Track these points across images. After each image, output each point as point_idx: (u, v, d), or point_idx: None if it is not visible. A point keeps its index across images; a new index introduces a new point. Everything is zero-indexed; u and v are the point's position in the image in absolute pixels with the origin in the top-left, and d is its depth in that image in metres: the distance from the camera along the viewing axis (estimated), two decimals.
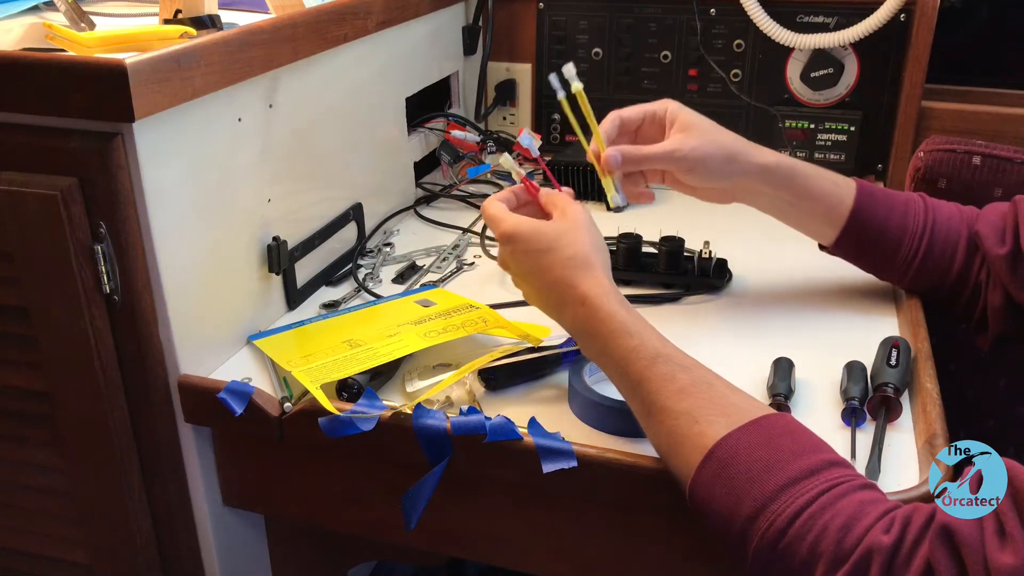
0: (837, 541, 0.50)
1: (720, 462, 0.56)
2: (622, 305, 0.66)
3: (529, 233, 0.70)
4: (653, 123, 0.83)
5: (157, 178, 0.69)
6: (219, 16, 0.84)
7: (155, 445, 0.77)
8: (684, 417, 0.59)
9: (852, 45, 1.13)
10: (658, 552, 0.70)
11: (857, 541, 0.50)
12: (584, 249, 0.69)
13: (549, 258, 0.69)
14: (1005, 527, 0.46)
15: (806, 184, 0.82)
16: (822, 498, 0.52)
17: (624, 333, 0.64)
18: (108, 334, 0.72)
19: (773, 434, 0.57)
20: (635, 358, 0.63)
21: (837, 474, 0.54)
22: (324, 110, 0.92)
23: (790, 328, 0.84)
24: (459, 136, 1.20)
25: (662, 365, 0.62)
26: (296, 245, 0.88)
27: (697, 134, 0.80)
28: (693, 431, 0.58)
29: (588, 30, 1.24)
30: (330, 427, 0.69)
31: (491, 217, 0.74)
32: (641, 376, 0.62)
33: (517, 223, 0.71)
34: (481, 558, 0.78)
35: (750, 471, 0.55)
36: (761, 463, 0.55)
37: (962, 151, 0.95)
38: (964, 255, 0.81)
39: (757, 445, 0.56)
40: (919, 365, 0.74)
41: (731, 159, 0.80)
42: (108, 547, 0.81)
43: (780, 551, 0.52)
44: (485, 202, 0.75)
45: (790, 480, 0.54)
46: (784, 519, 0.52)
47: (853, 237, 0.83)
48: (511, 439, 0.67)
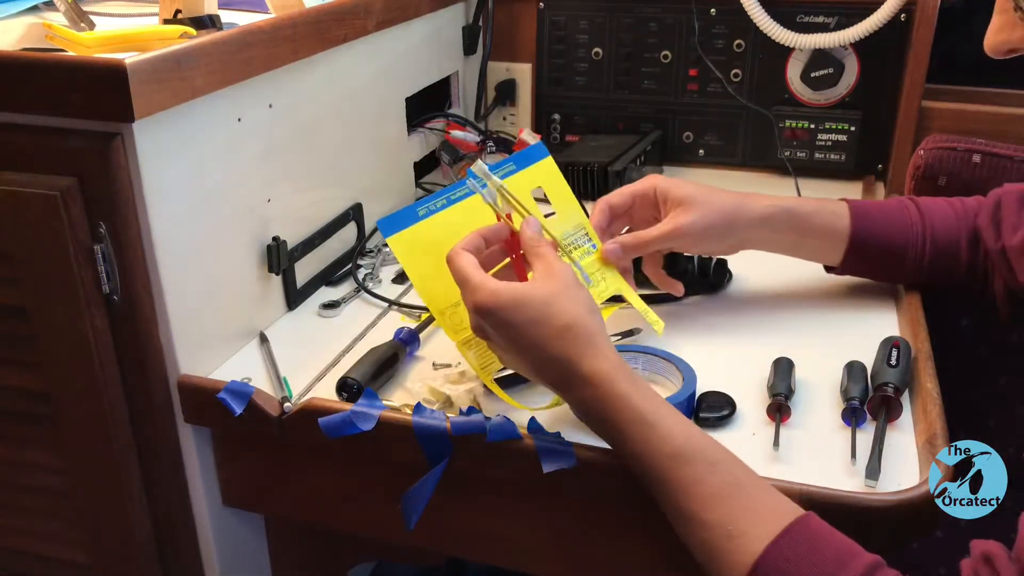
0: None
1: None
2: (634, 383, 0.60)
3: (512, 303, 0.61)
4: (645, 203, 0.83)
5: (157, 178, 0.69)
6: (219, 16, 0.84)
7: (155, 445, 0.77)
8: (718, 529, 0.55)
9: (852, 45, 1.13)
10: (658, 552, 0.70)
11: None
12: (581, 317, 0.61)
13: (541, 331, 0.61)
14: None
15: (807, 222, 0.83)
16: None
17: (641, 423, 0.58)
18: (108, 334, 0.72)
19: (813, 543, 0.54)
20: (656, 454, 0.58)
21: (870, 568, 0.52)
22: (324, 110, 0.92)
23: (790, 328, 0.84)
24: (459, 136, 1.20)
25: (686, 467, 0.57)
26: (296, 245, 0.88)
27: (694, 207, 0.79)
28: (731, 546, 0.55)
29: (588, 30, 1.24)
30: (330, 427, 0.69)
31: (461, 279, 0.64)
32: (665, 477, 0.57)
33: (495, 292, 0.62)
34: (481, 558, 0.78)
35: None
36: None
37: (962, 149, 0.95)
38: (968, 247, 0.82)
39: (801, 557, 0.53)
40: (919, 365, 0.74)
41: (731, 221, 0.81)
42: (108, 547, 0.81)
43: None
44: (450, 253, 0.66)
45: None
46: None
47: (858, 257, 0.84)
48: (511, 439, 0.67)
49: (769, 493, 0.57)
